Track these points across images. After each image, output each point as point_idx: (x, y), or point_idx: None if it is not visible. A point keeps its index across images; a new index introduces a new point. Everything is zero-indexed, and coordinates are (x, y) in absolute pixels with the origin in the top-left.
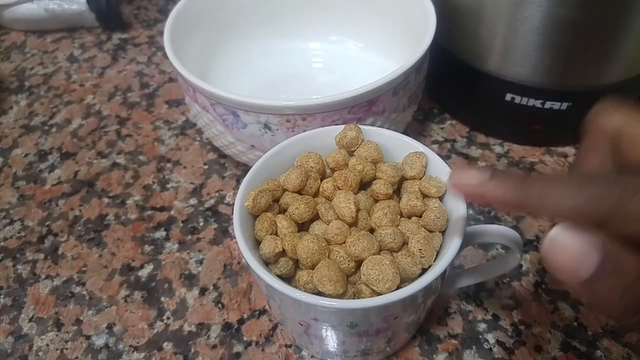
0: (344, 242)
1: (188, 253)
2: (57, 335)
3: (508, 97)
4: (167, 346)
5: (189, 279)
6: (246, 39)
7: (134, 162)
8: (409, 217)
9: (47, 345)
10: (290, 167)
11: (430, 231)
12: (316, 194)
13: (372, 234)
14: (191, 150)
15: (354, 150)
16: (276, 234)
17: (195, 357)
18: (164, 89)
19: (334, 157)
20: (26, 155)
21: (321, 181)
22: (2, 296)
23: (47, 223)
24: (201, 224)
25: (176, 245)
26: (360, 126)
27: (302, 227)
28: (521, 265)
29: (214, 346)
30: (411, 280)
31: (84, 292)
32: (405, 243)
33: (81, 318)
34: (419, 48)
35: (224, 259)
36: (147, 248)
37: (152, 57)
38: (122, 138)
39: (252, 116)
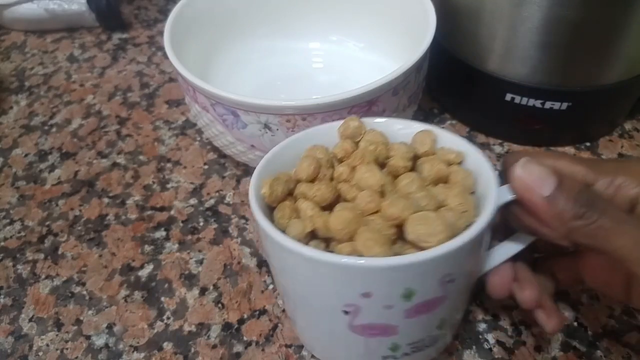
0: (378, 211)
1: (188, 253)
2: (57, 335)
3: (508, 97)
4: (167, 346)
5: (189, 279)
6: (246, 39)
7: (134, 162)
8: (435, 185)
9: (47, 345)
10: (294, 165)
11: None
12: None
13: None
14: (191, 150)
15: (359, 141)
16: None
17: (195, 357)
18: (164, 89)
19: (342, 146)
20: (26, 155)
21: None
22: (2, 296)
23: (47, 223)
24: (201, 224)
25: (176, 245)
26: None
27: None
28: None
29: (214, 346)
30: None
31: (84, 292)
32: (441, 207)
33: (81, 318)
34: (419, 48)
35: (224, 259)
36: (147, 248)
37: (152, 57)
38: (122, 138)
39: (252, 116)
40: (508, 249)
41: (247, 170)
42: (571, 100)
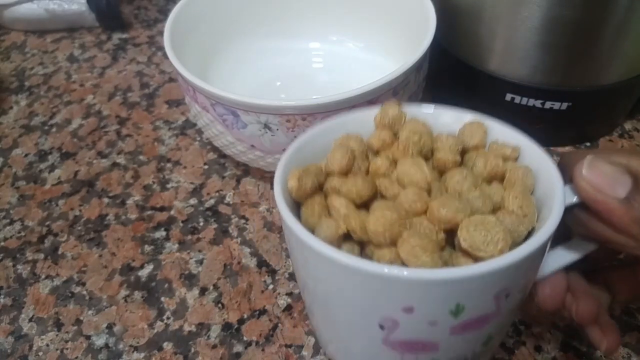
0: (425, 212)
1: (188, 253)
2: (57, 335)
3: (508, 97)
4: (167, 346)
5: (189, 279)
6: (246, 39)
7: (134, 162)
8: (489, 183)
9: (47, 345)
10: (324, 157)
11: None
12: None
13: None
14: (191, 150)
15: (398, 131)
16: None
17: (195, 357)
18: (164, 89)
19: (379, 136)
20: (26, 155)
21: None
22: (2, 296)
23: (47, 223)
24: (201, 224)
25: (176, 245)
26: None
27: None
28: None
29: (214, 346)
30: (518, 244)
31: (84, 292)
32: (497, 209)
33: (81, 318)
34: (419, 48)
35: (224, 259)
36: (147, 248)
37: (152, 57)
38: (122, 138)
39: (252, 116)
40: (564, 257)
41: (247, 170)
42: (571, 100)
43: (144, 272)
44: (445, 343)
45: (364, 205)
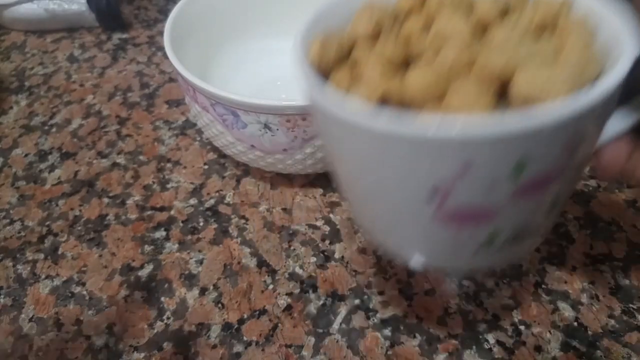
0: (471, 69)
1: (188, 253)
2: (57, 335)
3: None
4: (167, 346)
5: (189, 279)
6: (246, 39)
7: (134, 162)
8: (539, 37)
9: (47, 345)
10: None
11: None
12: None
13: None
14: (191, 150)
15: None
16: None
17: (195, 357)
18: (164, 89)
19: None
20: (26, 155)
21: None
22: (2, 296)
23: (47, 223)
24: (201, 224)
25: (176, 245)
26: None
27: None
28: (521, 265)
29: (214, 346)
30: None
31: (84, 292)
32: (552, 62)
33: (81, 318)
34: None
35: (224, 259)
36: (147, 248)
37: (152, 57)
38: (122, 138)
39: (252, 116)
40: (627, 117)
41: (247, 170)
42: None
43: (144, 272)
44: (505, 210)
45: (398, 72)
